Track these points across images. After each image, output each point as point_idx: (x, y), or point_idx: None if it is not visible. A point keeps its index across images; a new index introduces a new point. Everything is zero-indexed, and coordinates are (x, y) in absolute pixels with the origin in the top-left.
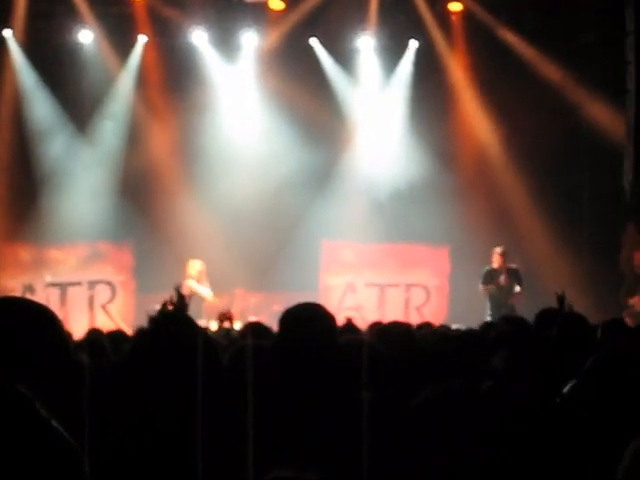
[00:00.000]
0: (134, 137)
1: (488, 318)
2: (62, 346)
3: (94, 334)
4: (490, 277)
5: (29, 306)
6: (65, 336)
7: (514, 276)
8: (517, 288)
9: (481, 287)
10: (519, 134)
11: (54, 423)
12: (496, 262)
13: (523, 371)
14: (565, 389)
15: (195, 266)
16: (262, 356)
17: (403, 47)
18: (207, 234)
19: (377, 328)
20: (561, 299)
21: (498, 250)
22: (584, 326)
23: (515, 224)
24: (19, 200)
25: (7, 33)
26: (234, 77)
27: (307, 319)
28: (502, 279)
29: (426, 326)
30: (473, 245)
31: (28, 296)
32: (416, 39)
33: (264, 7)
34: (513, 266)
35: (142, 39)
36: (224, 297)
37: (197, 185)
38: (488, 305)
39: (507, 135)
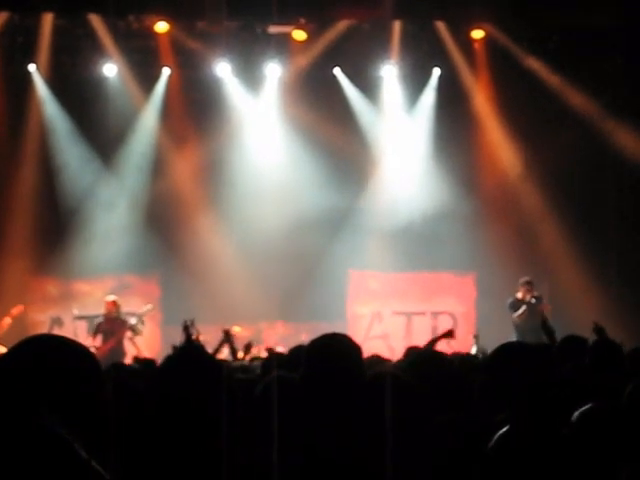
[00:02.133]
0: (159, 169)
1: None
2: (99, 385)
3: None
4: (517, 307)
5: (65, 344)
6: (101, 375)
7: (538, 300)
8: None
9: (514, 315)
10: (544, 161)
11: (94, 464)
12: (520, 292)
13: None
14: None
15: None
16: (290, 389)
17: (426, 75)
18: (233, 264)
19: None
20: (599, 330)
21: (522, 281)
22: (619, 354)
23: (541, 250)
24: (45, 234)
25: (32, 68)
26: (258, 108)
27: (333, 351)
28: (524, 311)
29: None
30: (499, 272)
31: (56, 329)
32: (439, 67)
33: (287, 38)
34: (536, 294)
35: (166, 71)
36: (251, 328)
37: (222, 216)
38: (514, 334)
39: (531, 162)
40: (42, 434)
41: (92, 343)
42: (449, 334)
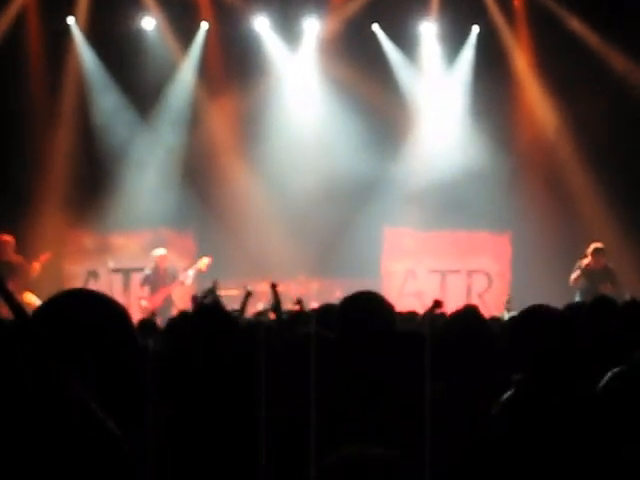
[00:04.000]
0: (196, 123)
1: None
2: (131, 340)
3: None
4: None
5: (98, 299)
6: (134, 333)
7: (608, 276)
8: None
9: (572, 276)
10: (582, 120)
11: (110, 424)
12: (588, 259)
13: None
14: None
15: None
16: (324, 345)
17: (465, 33)
18: (269, 220)
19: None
20: None
21: (591, 248)
22: None
23: (578, 209)
24: (82, 187)
25: (71, 20)
26: (296, 63)
27: (365, 310)
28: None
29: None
30: (535, 231)
31: (92, 282)
32: (478, 25)
33: None
34: (609, 265)
35: (204, 26)
36: (286, 283)
37: (259, 171)
38: (578, 294)
39: (570, 120)
40: (57, 390)
41: (140, 293)
42: (437, 304)
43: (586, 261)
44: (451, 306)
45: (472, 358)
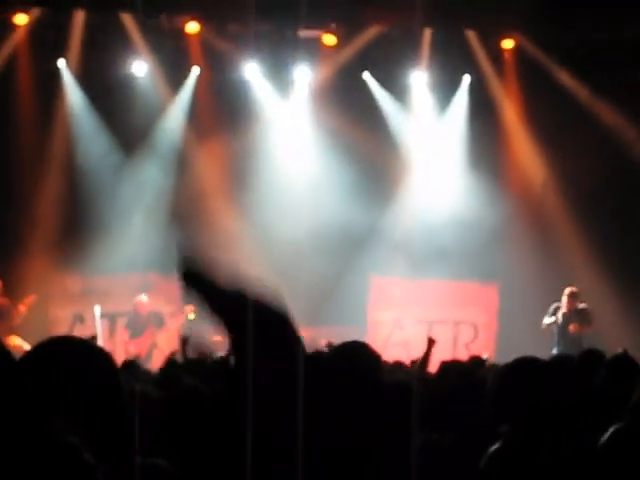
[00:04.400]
0: (184, 168)
1: (554, 352)
2: (116, 387)
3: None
4: (552, 314)
5: (83, 346)
6: (119, 381)
7: (579, 317)
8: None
9: (545, 321)
10: (571, 171)
11: (100, 471)
12: (563, 303)
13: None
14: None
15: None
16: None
17: (455, 83)
18: (255, 266)
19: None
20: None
21: (566, 292)
22: (634, 369)
23: (566, 261)
24: (69, 230)
25: (61, 63)
26: (286, 111)
27: (353, 360)
28: (559, 317)
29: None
30: (522, 282)
31: (78, 326)
32: (469, 74)
33: (317, 42)
34: (581, 306)
35: (195, 70)
36: None
37: (247, 217)
38: (555, 340)
39: (558, 172)
40: (46, 439)
41: (124, 336)
42: (431, 343)
43: (562, 306)
44: (437, 357)
45: (462, 409)
